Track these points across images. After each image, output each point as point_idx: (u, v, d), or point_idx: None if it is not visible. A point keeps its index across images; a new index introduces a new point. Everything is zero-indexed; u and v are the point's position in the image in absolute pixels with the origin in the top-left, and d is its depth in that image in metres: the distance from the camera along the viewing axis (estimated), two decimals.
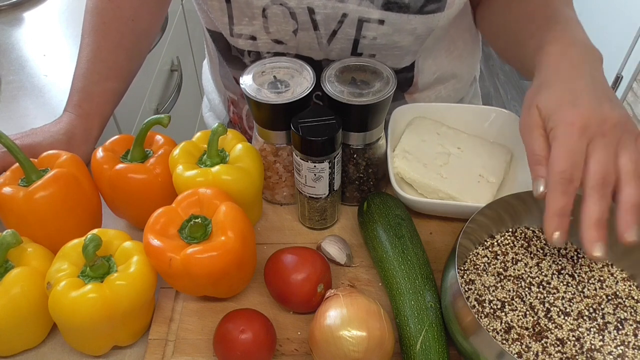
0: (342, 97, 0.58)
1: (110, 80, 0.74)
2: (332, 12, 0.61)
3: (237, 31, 0.66)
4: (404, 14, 0.60)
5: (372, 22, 0.61)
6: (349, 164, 0.65)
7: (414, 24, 0.62)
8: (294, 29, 0.63)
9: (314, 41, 0.64)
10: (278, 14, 0.62)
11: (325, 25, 0.62)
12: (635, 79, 1.95)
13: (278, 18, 0.63)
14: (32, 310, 0.53)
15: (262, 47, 0.67)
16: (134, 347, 0.57)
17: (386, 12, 0.60)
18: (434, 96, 0.76)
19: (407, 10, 0.60)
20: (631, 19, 1.92)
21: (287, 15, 0.62)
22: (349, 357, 0.49)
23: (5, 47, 1.04)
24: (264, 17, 0.63)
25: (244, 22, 0.64)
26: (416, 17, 0.61)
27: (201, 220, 0.54)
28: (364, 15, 0.61)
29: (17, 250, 0.54)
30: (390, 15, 0.60)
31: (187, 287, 0.56)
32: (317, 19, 0.62)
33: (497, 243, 0.57)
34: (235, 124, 0.85)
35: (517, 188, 0.63)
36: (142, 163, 0.61)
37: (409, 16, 0.61)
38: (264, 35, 0.65)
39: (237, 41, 0.67)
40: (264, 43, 0.66)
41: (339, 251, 0.62)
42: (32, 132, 0.68)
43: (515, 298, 0.53)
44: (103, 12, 0.73)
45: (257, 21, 0.64)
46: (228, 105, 0.84)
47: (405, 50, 0.66)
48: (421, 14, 0.61)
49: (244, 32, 0.66)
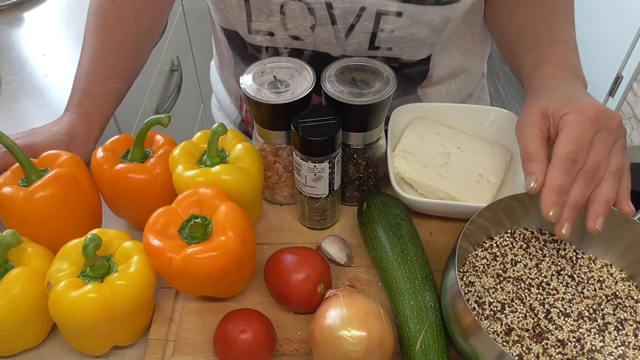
0: (342, 97, 0.58)
1: (112, 81, 0.74)
2: (350, 5, 0.61)
3: (255, 28, 0.66)
4: (422, 5, 0.61)
5: (390, 14, 0.61)
6: (349, 164, 0.65)
7: (432, 15, 0.62)
8: (312, 24, 0.64)
9: (331, 36, 0.65)
10: (296, 9, 0.62)
11: (344, 19, 0.63)
12: (635, 79, 1.95)
13: (296, 14, 0.63)
14: (32, 310, 0.53)
15: (280, 43, 0.67)
16: (134, 347, 0.57)
17: (404, 4, 0.60)
18: (445, 90, 0.76)
19: (424, 2, 0.60)
20: (631, 19, 1.92)
21: (305, 11, 0.62)
22: (349, 357, 0.49)
23: (5, 47, 1.04)
24: (282, 14, 0.63)
25: (262, 19, 0.65)
26: (433, 8, 0.61)
27: (201, 220, 0.54)
28: (382, 8, 0.61)
29: (17, 250, 0.54)
30: (408, 7, 0.61)
31: (187, 287, 0.56)
32: (335, 13, 0.62)
33: (496, 244, 0.57)
34: (247, 122, 0.86)
35: (517, 188, 0.63)
36: (142, 163, 0.61)
37: (427, 7, 0.61)
38: (282, 31, 0.65)
39: (255, 38, 0.68)
40: (282, 39, 0.66)
41: (339, 251, 0.62)
42: (32, 132, 0.68)
43: (515, 299, 0.53)
44: (106, 13, 0.73)
45: (275, 17, 0.64)
46: (241, 104, 0.84)
47: (422, 42, 0.66)
48: (438, 5, 0.61)
49: (262, 28, 0.66)
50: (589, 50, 2.27)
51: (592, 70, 2.22)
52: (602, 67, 2.12)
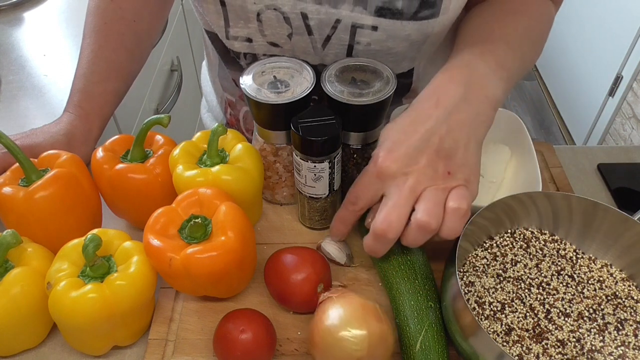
0: (342, 97, 0.58)
1: (111, 81, 0.74)
2: (326, 17, 0.61)
3: (233, 34, 0.66)
4: (397, 20, 0.60)
5: (365, 28, 0.61)
6: (349, 164, 0.65)
7: (408, 30, 0.61)
8: (289, 33, 0.63)
9: (308, 46, 0.64)
10: (272, 18, 0.62)
11: (319, 30, 0.62)
12: (635, 79, 1.95)
13: (272, 22, 0.63)
14: (32, 310, 0.53)
15: (258, 50, 0.67)
16: (134, 347, 0.57)
17: (379, 19, 0.60)
18: None
19: (400, 17, 0.60)
20: (631, 19, 1.92)
21: (281, 20, 0.62)
22: (353, 358, 0.49)
23: (5, 47, 1.04)
24: (259, 21, 0.63)
25: (240, 25, 0.64)
26: (410, 23, 0.60)
27: (201, 220, 0.54)
28: (357, 21, 0.61)
29: (17, 250, 0.54)
30: (383, 21, 0.60)
31: (187, 287, 0.56)
32: (310, 24, 0.62)
33: (496, 244, 0.57)
34: (232, 125, 0.85)
35: (517, 188, 0.63)
36: (142, 163, 0.61)
37: (403, 22, 0.60)
38: (260, 38, 0.65)
39: (233, 44, 0.67)
40: (260, 45, 0.66)
41: (339, 251, 0.62)
42: (32, 132, 0.68)
43: (515, 299, 0.53)
44: (104, 13, 0.73)
45: (252, 24, 0.64)
46: (225, 107, 0.84)
47: (400, 56, 0.66)
48: (415, 20, 0.60)
49: (240, 34, 0.66)
50: (589, 50, 2.27)
51: (592, 70, 2.23)
52: (602, 67, 2.12)
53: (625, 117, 2.01)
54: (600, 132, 2.16)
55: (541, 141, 0.86)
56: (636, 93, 1.95)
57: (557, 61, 2.51)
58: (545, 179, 0.72)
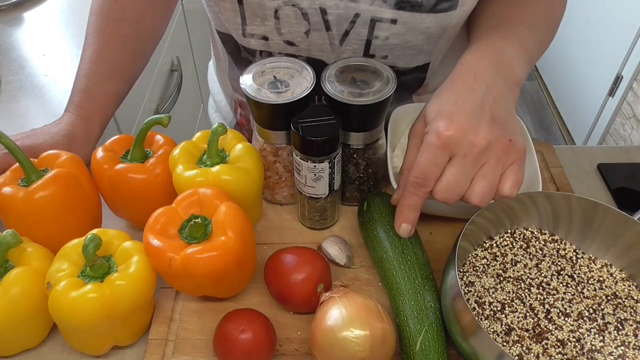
0: (342, 97, 0.58)
1: (112, 82, 0.73)
2: (345, 12, 0.61)
3: (249, 31, 0.66)
4: (417, 13, 0.60)
5: (384, 21, 0.61)
6: (349, 164, 0.65)
7: (427, 23, 0.62)
8: (306, 29, 0.63)
9: (325, 42, 0.64)
10: (290, 14, 0.62)
11: (338, 25, 0.62)
12: (635, 79, 1.95)
13: (290, 19, 0.63)
14: (32, 310, 0.53)
15: (274, 48, 0.67)
16: (134, 347, 0.57)
17: (399, 12, 0.60)
18: None
19: (419, 9, 0.60)
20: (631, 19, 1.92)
21: (299, 16, 0.62)
22: (355, 358, 0.49)
23: (5, 47, 1.04)
24: (276, 18, 0.63)
25: (257, 23, 0.64)
26: (429, 16, 0.61)
27: (201, 220, 0.54)
28: (377, 15, 0.61)
29: (17, 250, 0.54)
30: (402, 14, 0.60)
31: (187, 287, 0.56)
32: (329, 19, 0.62)
33: (496, 244, 0.57)
34: (242, 126, 0.85)
35: None
36: (142, 163, 0.61)
37: (422, 15, 0.60)
38: (276, 36, 0.65)
39: (250, 41, 0.67)
40: (276, 44, 0.66)
41: (339, 252, 0.62)
42: (32, 133, 0.68)
43: (515, 299, 0.53)
44: (107, 14, 0.73)
45: (269, 22, 0.64)
46: (235, 107, 0.84)
47: (417, 49, 0.66)
48: (434, 13, 0.60)
49: (257, 32, 0.66)
50: (589, 50, 2.27)
51: (592, 70, 2.23)
52: (602, 67, 2.12)
53: (625, 117, 2.01)
54: (600, 132, 2.16)
55: (541, 141, 0.86)
56: (636, 93, 1.95)
57: (557, 61, 2.51)
58: (545, 179, 0.72)
